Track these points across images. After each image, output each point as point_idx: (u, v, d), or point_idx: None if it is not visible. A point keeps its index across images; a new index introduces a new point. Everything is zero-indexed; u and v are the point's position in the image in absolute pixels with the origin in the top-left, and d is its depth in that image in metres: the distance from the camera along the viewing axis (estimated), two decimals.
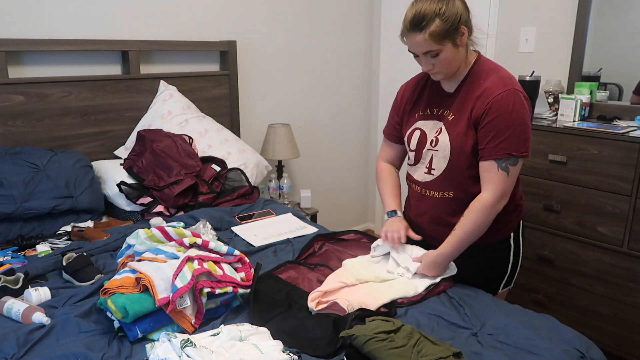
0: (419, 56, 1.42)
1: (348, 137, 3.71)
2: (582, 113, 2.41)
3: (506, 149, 1.38)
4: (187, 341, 1.09)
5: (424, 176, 1.56)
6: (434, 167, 1.52)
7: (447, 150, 1.47)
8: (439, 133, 1.50)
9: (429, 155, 1.53)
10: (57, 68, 2.33)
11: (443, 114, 1.51)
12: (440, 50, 1.37)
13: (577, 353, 1.22)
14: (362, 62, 3.66)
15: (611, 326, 2.22)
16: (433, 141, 1.51)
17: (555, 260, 2.35)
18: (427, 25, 1.33)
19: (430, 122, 1.54)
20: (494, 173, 1.40)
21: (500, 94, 1.38)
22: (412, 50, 1.41)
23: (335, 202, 3.74)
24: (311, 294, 1.40)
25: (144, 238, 1.49)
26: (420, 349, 1.11)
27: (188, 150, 2.34)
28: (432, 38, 1.34)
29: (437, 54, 1.38)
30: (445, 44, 1.36)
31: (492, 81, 1.41)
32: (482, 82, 1.43)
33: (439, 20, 1.33)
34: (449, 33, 1.35)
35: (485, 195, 1.42)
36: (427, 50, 1.37)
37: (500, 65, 1.48)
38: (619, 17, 2.39)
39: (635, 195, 2.06)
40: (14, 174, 1.95)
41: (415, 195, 1.63)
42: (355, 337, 1.12)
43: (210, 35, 2.81)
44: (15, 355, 1.16)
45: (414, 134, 1.57)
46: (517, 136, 1.38)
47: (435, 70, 1.43)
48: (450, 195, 1.52)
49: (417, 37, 1.36)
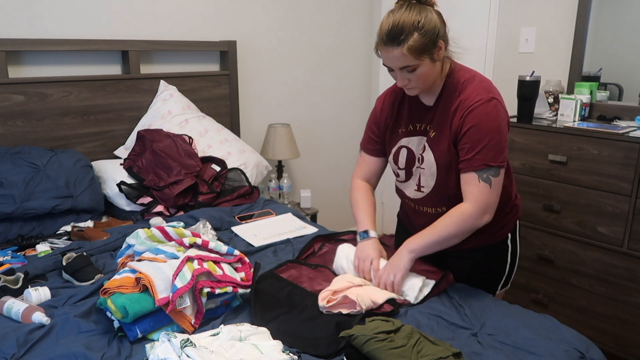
0: (393, 70, 1.36)
1: (348, 137, 3.71)
2: (582, 113, 2.41)
3: (482, 160, 1.34)
4: (187, 341, 1.09)
5: (414, 193, 1.53)
6: (423, 184, 1.49)
7: (434, 168, 1.44)
8: (424, 151, 1.46)
9: (417, 173, 1.50)
10: (57, 68, 2.33)
11: (426, 129, 1.47)
12: (418, 65, 1.32)
13: (577, 353, 1.21)
14: (362, 62, 3.66)
15: (611, 326, 2.22)
16: (420, 159, 1.48)
17: (555, 260, 2.35)
18: (405, 40, 1.27)
19: (414, 139, 1.49)
20: (475, 185, 1.36)
21: (474, 104, 1.34)
22: (387, 64, 1.35)
23: (335, 202, 3.74)
24: (321, 293, 1.40)
25: (144, 238, 1.49)
26: (420, 349, 1.11)
27: (188, 150, 2.34)
28: (410, 53, 1.28)
29: (414, 69, 1.32)
30: (423, 59, 1.31)
31: (467, 93, 1.37)
32: (457, 94, 1.39)
33: (418, 35, 1.27)
34: (427, 48, 1.30)
35: (466, 205, 1.38)
36: (404, 65, 1.32)
37: (476, 72, 1.44)
38: (619, 17, 2.39)
39: (635, 195, 2.06)
40: (14, 174, 1.95)
41: (410, 209, 1.61)
42: (355, 337, 1.12)
43: (210, 35, 2.81)
44: (15, 355, 1.16)
45: (401, 152, 1.52)
46: (493, 147, 1.34)
47: (410, 85, 1.38)
48: (443, 210, 1.48)
49: (394, 52, 1.30)
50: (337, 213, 3.77)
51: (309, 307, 1.39)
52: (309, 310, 1.37)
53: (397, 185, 1.62)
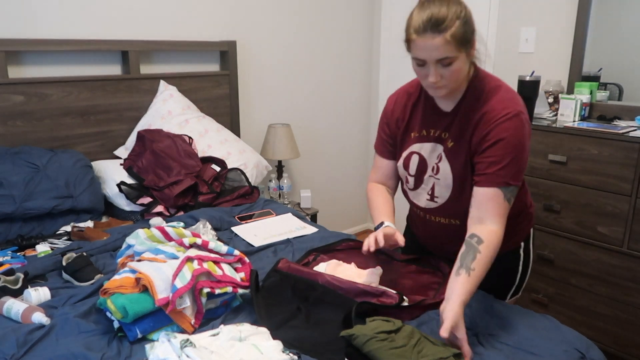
0: (425, 65, 1.23)
1: (348, 137, 3.71)
2: (582, 113, 2.41)
3: (504, 177, 1.26)
4: (187, 341, 1.09)
5: (427, 202, 1.46)
6: (437, 195, 1.42)
7: (450, 180, 1.37)
8: (440, 160, 1.38)
9: (430, 182, 1.42)
10: (57, 68, 2.32)
11: (441, 136, 1.38)
12: (456, 58, 1.20)
13: (577, 353, 1.21)
14: (362, 62, 3.66)
15: (611, 326, 2.22)
16: (434, 168, 1.40)
17: (555, 260, 2.35)
18: (448, 26, 1.17)
19: (427, 145, 1.41)
20: (499, 203, 1.27)
21: (502, 118, 1.26)
22: (423, 56, 1.22)
23: (335, 202, 3.74)
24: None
25: (144, 238, 1.49)
26: (420, 349, 1.10)
27: (188, 151, 2.34)
28: (454, 41, 1.18)
29: (450, 63, 1.21)
30: (462, 52, 1.21)
31: (492, 104, 1.29)
32: (482, 103, 1.30)
33: (460, 23, 1.18)
34: (467, 39, 1.21)
35: (496, 229, 1.27)
36: (444, 56, 1.19)
37: (501, 81, 1.35)
38: (619, 17, 2.39)
39: (635, 195, 2.06)
40: (14, 174, 1.95)
41: (419, 218, 1.54)
42: (356, 337, 1.11)
43: (210, 35, 2.81)
44: (14, 356, 1.16)
45: (412, 158, 1.44)
46: (516, 164, 1.27)
47: (442, 82, 1.25)
48: (457, 222, 1.43)
49: (435, 40, 1.18)
50: (337, 213, 3.77)
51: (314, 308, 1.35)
52: (315, 310, 1.34)
53: (406, 193, 1.54)
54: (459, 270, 1.22)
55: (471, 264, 1.22)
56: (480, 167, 1.30)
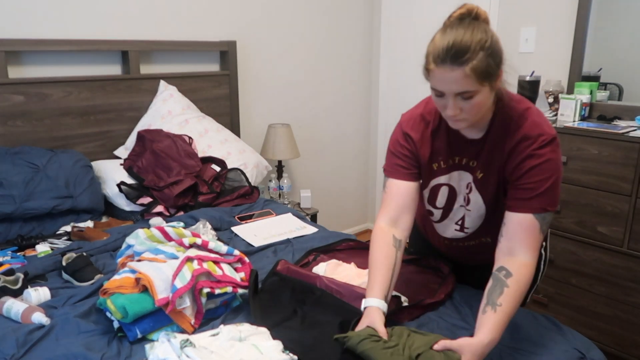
0: (443, 97, 1.13)
1: (348, 137, 3.71)
2: (582, 113, 2.41)
3: (542, 204, 1.18)
4: (187, 341, 1.09)
5: (454, 233, 1.40)
6: (467, 225, 1.37)
7: (482, 211, 1.32)
8: (470, 191, 1.31)
9: (460, 212, 1.36)
10: (57, 68, 2.32)
11: (469, 165, 1.29)
12: (477, 92, 1.10)
13: (577, 353, 1.21)
14: (362, 62, 3.66)
15: (611, 326, 2.22)
16: (465, 199, 1.33)
17: (555, 260, 2.35)
18: (470, 59, 1.06)
19: (455, 174, 1.32)
20: (535, 233, 1.18)
21: (539, 144, 1.18)
22: (441, 88, 1.11)
23: (335, 202, 3.74)
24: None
25: (144, 238, 1.49)
26: (411, 344, 1.11)
27: (188, 151, 2.34)
28: (474, 75, 1.07)
29: (471, 97, 1.10)
30: (484, 86, 1.10)
31: (526, 130, 1.20)
32: (513, 129, 1.21)
33: (484, 55, 1.07)
34: (491, 72, 1.09)
35: (528, 261, 1.18)
36: (463, 90, 1.09)
37: (527, 101, 1.25)
38: (619, 17, 2.39)
39: (635, 195, 2.06)
40: (14, 174, 1.95)
41: (441, 244, 1.50)
42: (349, 339, 1.12)
43: (210, 35, 2.81)
44: (14, 356, 1.16)
45: (440, 190, 1.35)
46: (553, 190, 1.19)
47: (461, 117, 1.14)
48: (488, 240, 1.38)
49: (454, 73, 1.07)
50: (337, 213, 3.77)
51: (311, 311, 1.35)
52: (311, 315, 1.34)
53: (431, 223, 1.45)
54: (485, 307, 1.14)
55: (497, 300, 1.13)
56: (516, 193, 1.21)
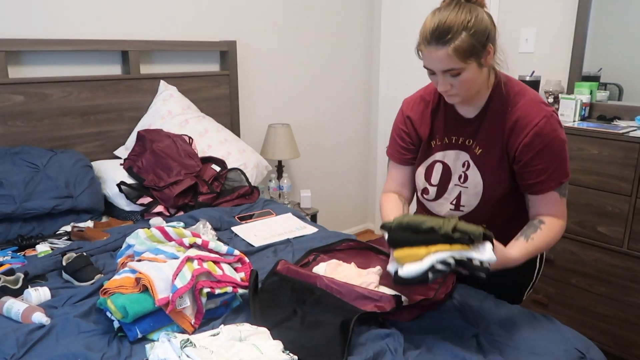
0: (435, 74, 1.23)
1: (348, 137, 3.71)
2: (582, 113, 2.41)
3: (558, 179, 1.28)
4: (187, 341, 1.09)
5: (450, 212, 1.43)
6: (464, 203, 1.39)
7: (480, 187, 1.35)
8: (467, 168, 1.36)
9: (456, 191, 1.39)
10: (57, 68, 2.33)
11: (465, 144, 1.35)
12: (463, 69, 1.19)
13: (577, 353, 1.21)
14: (362, 62, 3.66)
15: (611, 326, 2.22)
16: (461, 177, 1.37)
17: (555, 260, 2.35)
18: (452, 39, 1.15)
19: (451, 153, 1.38)
20: (558, 203, 1.30)
21: (539, 122, 1.25)
22: (429, 66, 1.22)
23: (335, 202, 3.74)
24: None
25: (144, 238, 1.49)
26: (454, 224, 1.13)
27: (188, 151, 2.34)
28: (456, 54, 1.16)
29: (458, 74, 1.20)
30: (469, 63, 1.18)
31: (524, 109, 1.27)
32: (510, 108, 1.28)
33: (466, 35, 1.15)
34: (476, 50, 1.18)
35: (562, 223, 1.31)
36: (448, 68, 1.19)
37: (524, 84, 1.34)
38: (619, 17, 2.39)
39: (635, 195, 2.06)
40: (14, 174, 1.95)
41: None
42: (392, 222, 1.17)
43: (210, 35, 2.81)
44: (14, 356, 1.16)
45: (435, 167, 1.40)
46: (563, 162, 1.28)
47: (452, 92, 1.24)
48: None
49: (439, 52, 1.17)
50: (337, 213, 3.77)
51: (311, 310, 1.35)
52: (311, 315, 1.33)
53: (424, 204, 1.48)
54: (519, 237, 1.27)
55: (531, 235, 1.26)
56: (530, 176, 1.29)
